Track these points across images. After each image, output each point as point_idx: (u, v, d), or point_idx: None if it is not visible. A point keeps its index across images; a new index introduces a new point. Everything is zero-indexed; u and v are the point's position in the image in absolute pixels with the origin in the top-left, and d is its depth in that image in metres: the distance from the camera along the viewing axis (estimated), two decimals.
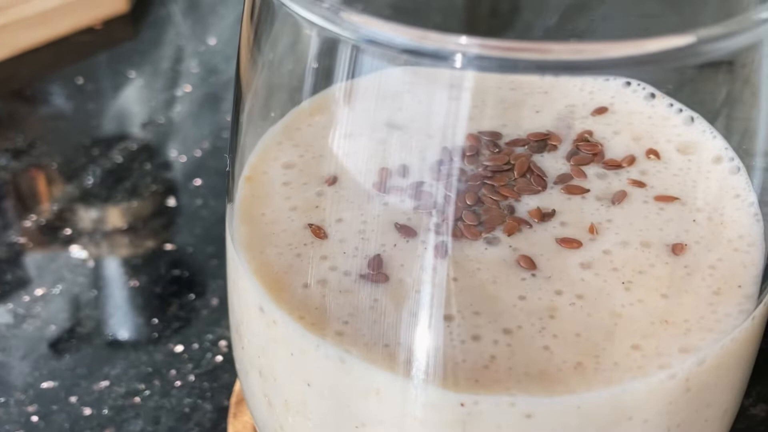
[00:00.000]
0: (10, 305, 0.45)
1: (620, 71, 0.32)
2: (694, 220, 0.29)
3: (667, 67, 0.25)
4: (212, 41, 0.64)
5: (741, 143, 0.30)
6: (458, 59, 0.22)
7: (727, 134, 0.31)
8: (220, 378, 0.42)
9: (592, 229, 0.29)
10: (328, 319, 0.26)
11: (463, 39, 0.21)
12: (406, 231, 0.28)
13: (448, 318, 0.26)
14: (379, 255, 0.28)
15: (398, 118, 0.33)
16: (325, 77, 0.30)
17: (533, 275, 0.27)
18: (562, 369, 0.25)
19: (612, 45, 0.22)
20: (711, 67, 0.27)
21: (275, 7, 0.25)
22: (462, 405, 0.25)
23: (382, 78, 0.33)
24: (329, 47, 0.26)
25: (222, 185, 0.52)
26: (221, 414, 0.40)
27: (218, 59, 0.63)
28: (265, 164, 0.31)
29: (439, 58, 0.22)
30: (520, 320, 0.26)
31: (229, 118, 0.58)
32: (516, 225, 0.28)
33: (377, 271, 0.27)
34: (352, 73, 0.26)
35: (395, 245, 0.28)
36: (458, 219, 0.28)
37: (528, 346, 0.26)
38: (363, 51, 0.24)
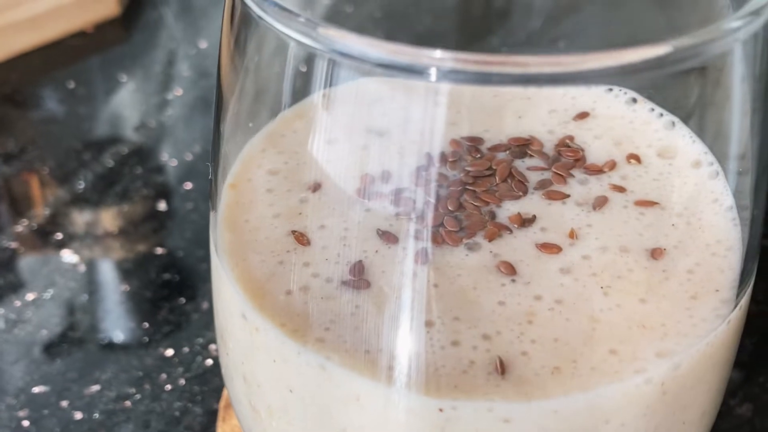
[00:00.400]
0: (2, 310, 0.46)
1: (597, 81, 0.32)
2: (672, 225, 0.29)
3: (643, 76, 0.25)
4: (203, 44, 0.65)
5: (718, 147, 0.31)
6: (432, 73, 0.22)
7: (704, 138, 0.31)
8: (210, 382, 0.42)
9: (573, 234, 0.29)
10: (310, 326, 0.27)
11: (437, 53, 0.22)
12: (388, 237, 0.28)
13: (428, 324, 0.27)
14: (360, 261, 0.28)
15: (380, 124, 0.33)
16: (306, 84, 0.31)
17: (513, 281, 0.28)
18: (540, 374, 0.25)
19: (588, 57, 0.22)
20: (693, 72, 0.27)
21: (254, 18, 0.26)
22: (441, 410, 0.25)
23: (364, 85, 0.33)
24: (309, 56, 0.27)
25: None
26: (211, 417, 0.41)
27: (209, 62, 0.63)
28: (249, 171, 0.32)
29: (414, 72, 0.22)
30: (499, 326, 0.26)
31: None
32: (497, 231, 0.29)
33: (359, 277, 0.27)
34: (332, 82, 0.27)
35: (377, 251, 0.28)
36: (439, 225, 0.29)
37: (506, 351, 0.26)
38: (339, 64, 0.24)
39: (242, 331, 0.28)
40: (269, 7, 0.23)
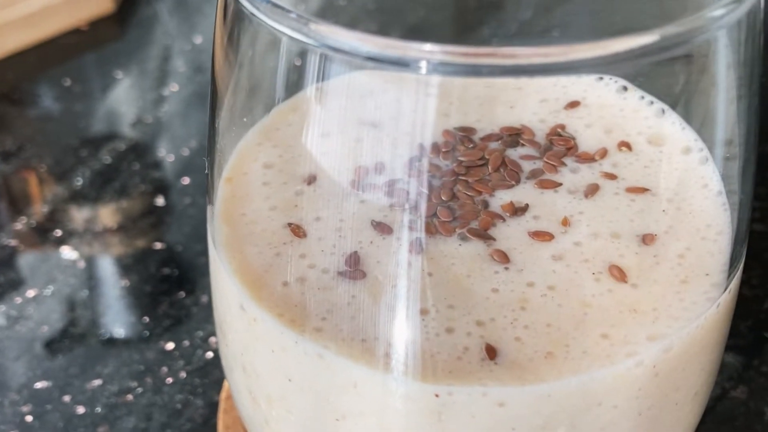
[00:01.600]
0: (3, 307, 0.46)
1: (586, 71, 0.33)
2: (663, 211, 0.30)
3: (630, 65, 0.25)
4: (198, 40, 0.65)
5: (706, 133, 0.31)
6: (423, 66, 0.22)
7: (693, 125, 0.32)
8: (211, 374, 0.43)
9: (566, 222, 0.29)
10: (307, 316, 0.27)
11: (427, 46, 0.22)
12: (382, 228, 0.29)
13: (423, 312, 0.27)
14: (356, 252, 0.28)
15: (373, 116, 0.33)
16: (300, 78, 0.31)
17: (506, 268, 0.28)
18: (533, 359, 0.26)
19: (576, 47, 0.23)
20: (680, 60, 0.27)
21: (246, 14, 0.26)
22: (437, 396, 0.25)
23: (356, 78, 0.34)
24: (302, 50, 0.27)
25: None
26: (212, 409, 0.41)
27: (205, 58, 0.63)
28: (245, 165, 0.32)
29: (404, 65, 0.23)
30: (492, 312, 0.27)
31: None
32: (490, 220, 0.29)
33: (354, 268, 0.28)
34: (324, 76, 0.27)
35: (372, 242, 0.29)
36: (433, 215, 0.29)
37: (500, 337, 0.26)
38: (331, 59, 0.25)
39: (241, 322, 0.28)
40: (261, 4, 0.24)
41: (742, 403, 0.42)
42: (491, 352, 0.26)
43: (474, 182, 0.30)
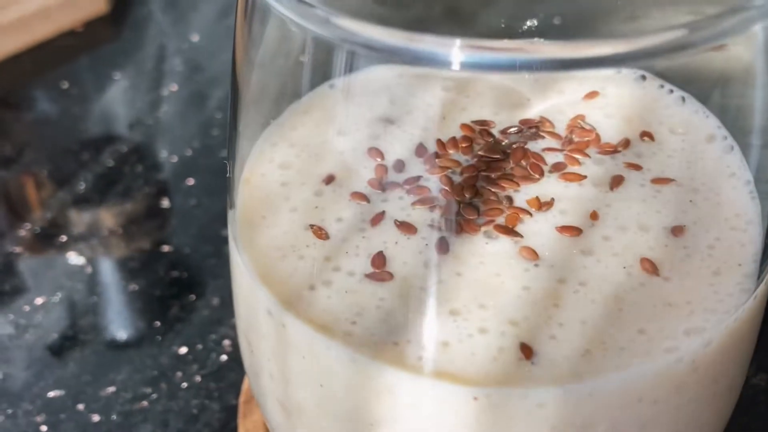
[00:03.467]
0: (11, 316, 0.45)
1: (613, 65, 0.32)
2: (690, 201, 0.29)
3: (663, 60, 0.24)
4: (195, 38, 0.64)
5: (735, 121, 0.31)
6: (453, 61, 0.22)
7: (720, 113, 0.31)
8: (226, 377, 0.42)
9: (595, 216, 0.29)
10: (337, 320, 0.26)
11: (458, 42, 0.21)
12: (407, 228, 0.28)
13: (454, 312, 0.26)
14: (381, 252, 0.28)
15: (391, 112, 0.33)
16: (317, 76, 0.30)
17: (536, 265, 0.28)
18: (570, 357, 0.25)
19: (607, 43, 0.22)
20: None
21: (268, 9, 0.25)
22: (475, 399, 0.25)
23: (374, 74, 0.33)
24: (321, 47, 0.26)
25: (215, 183, 0.52)
26: (229, 413, 0.41)
27: (202, 56, 0.63)
28: (262, 166, 0.32)
29: (434, 61, 0.22)
30: (525, 311, 0.26)
31: (217, 116, 0.57)
32: (516, 216, 0.29)
33: (381, 269, 0.27)
34: (343, 72, 0.27)
35: (396, 243, 0.28)
36: (457, 213, 0.29)
37: (534, 336, 0.26)
38: (354, 53, 0.24)
39: (268, 328, 0.28)
40: (285, 0, 0.23)
41: (762, 390, 0.41)
42: (527, 352, 0.25)
43: (497, 177, 0.30)
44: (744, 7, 0.22)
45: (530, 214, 0.29)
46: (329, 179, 0.31)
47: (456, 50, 0.22)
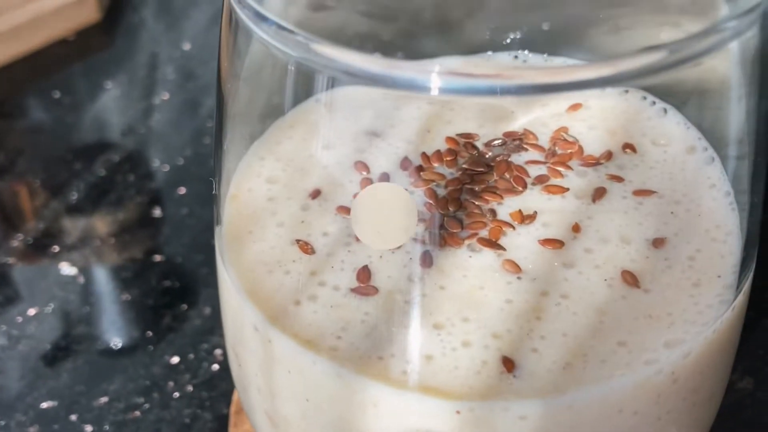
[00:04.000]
0: (4, 326, 0.46)
1: (594, 88, 0.32)
2: (671, 213, 0.30)
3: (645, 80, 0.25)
4: (186, 46, 0.65)
5: (713, 133, 0.31)
6: (432, 87, 0.22)
7: (699, 124, 0.32)
8: (218, 387, 0.43)
9: (577, 228, 0.29)
10: (322, 335, 0.27)
11: (436, 68, 0.22)
12: None
13: (438, 326, 0.27)
14: (366, 266, 0.28)
15: (376, 126, 0.33)
16: (302, 91, 0.31)
17: (519, 278, 0.28)
18: (552, 370, 0.26)
19: (587, 67, 0.23)
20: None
21: (251, 33, 0.26)
22: (458, 413, 0.25)
23: (358, 89, 0.33)
24: (306, 69, 0.27)
25: (207, 192, 0.53)
26: (221, 423, 0.41)
27: (194, 64, 0.63)
28: (249, 181, 0.32)
29: (414, 87, 0.23)
30: (508, 324, 0.27)
31: (209, 124, 0.58)
32: (500, 229, 0.29)
33: (366, 284, 0.28)
34: (325, 88, 0.27)
35: (381, 256, 0.29)
36: (441, 227, 0.29)
37: (517, 349, 0.26)
38: (336, 79, 0.25)
39: (255, 343, 0.28)
40: (266, 26, 0.24)
41: (749, 394, 0.42)
42: (509, 365, 0.26)
43: (481, 190, 0.30)
44: (719, 28, 0.23)
45: (513, 227, 0.29)
46: (315, 193, 0.31)
47: (435, 77, 0.23)
